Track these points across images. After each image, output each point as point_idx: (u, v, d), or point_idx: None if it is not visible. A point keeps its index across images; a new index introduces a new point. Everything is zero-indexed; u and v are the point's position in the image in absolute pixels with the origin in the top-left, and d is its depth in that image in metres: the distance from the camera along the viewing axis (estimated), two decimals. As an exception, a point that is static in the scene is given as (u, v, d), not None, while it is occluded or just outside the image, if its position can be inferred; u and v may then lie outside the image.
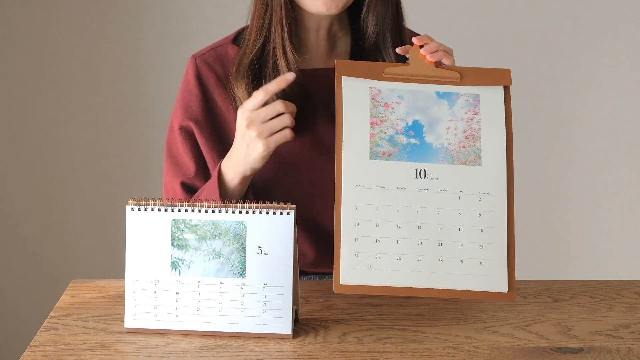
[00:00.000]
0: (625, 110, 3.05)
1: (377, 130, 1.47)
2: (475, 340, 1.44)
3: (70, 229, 3.05)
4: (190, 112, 1.70)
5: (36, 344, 1.42)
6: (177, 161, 1.72)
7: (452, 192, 1.44)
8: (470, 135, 1.48)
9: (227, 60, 1.71)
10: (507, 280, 1.43)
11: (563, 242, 3.12)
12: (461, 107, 1.50)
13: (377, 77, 1.51)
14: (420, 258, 1.42)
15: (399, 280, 1.42)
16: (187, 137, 1.71)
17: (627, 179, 3.09)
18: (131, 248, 1.45)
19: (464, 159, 1.47)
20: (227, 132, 1.70)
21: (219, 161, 1.67)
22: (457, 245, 1.43)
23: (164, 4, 2.94)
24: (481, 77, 1.52)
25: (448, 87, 1.51)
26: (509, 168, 1.46)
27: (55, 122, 2.99)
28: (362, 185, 1.44)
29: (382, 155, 1.46)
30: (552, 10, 2.99)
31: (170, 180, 1.74)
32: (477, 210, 1.44)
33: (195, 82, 1.71)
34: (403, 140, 1.47)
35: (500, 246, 1.43)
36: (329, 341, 1.44)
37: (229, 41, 1.73)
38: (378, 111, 1.49)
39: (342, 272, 1.42)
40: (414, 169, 1.45)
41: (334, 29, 1.72)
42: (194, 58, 1.73)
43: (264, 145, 1.54)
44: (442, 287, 1.43)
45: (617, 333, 1.45)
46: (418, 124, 1.48)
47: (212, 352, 1.39)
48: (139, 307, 1.45)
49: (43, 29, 2.93)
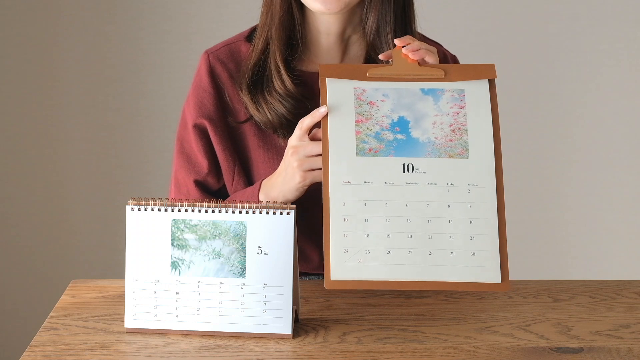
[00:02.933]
0: (625, 110, 3.05)
1: (362, 128, 1.47)
2: (475, 340, 1.44)
3: (70, 229, 3.05)
4: (204, 109, 1.70)
5: (36, 344, 1.42)
6: (190, 158, 1.72)
7: (440, 185, 1.44)
8: (457, 129, 1.48)
9: (240, 58, 1.71)
10: (500, 270, 1.43)
11: (563, 242, 3.12)
12: (446, 102, 1.50)
13: (361, 78, 1.52)
14: (411, 251, 1.42)
15: (390, 274, 1.42)
16: (201, 136, 1.71)
17: (627, 179, 3.09)
18: (131, 248, 1.45)
19: (451, 152, 1.47)
20: (238, 132, 1.70)
21: (231, 159, 1.67)
22: (448, 237, 1.43)
23: (164, 4, 2.94)
24: (465, 73, 1.53)
25: (433, 83, 1.51)
26: (497, 159, 1.47)
27: (55, 122, 2.99)
28: (349, 182, 1.44)
29: (369, 152, 1.46)
30: (552, 10, 2.99)
31: (183, 177, 1.73)
32: (467, 202, 1.44)
33: (208, 79, 1.71)
34: (389, 136, 1.47)
35: (491, 237, 1.43)
36: (329, 341, 1.44)
37: (243, 38, 1.73)
38: (363, 109, 1.49)
39: (332, 268, 1.42)
40: (401, 164, 1.45)
41: (347, 32, 1.70)
42: (207, 54, 1.72)
43: (301, 177, 1.54)
44: (433, 280, 1.42)
45: (617, 333, 1.45)
46: (404, 120, 1.48)
47: (212, 352, 1.39)
48: (139, 307, 1.45)
49: (43, 29, 2.93)
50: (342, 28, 1.69)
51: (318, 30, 1.69)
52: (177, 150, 1.74)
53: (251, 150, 1.70)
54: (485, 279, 1.43)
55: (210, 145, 1.71)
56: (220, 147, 1.70)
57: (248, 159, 1.70)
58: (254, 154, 1.69)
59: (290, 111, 1.65)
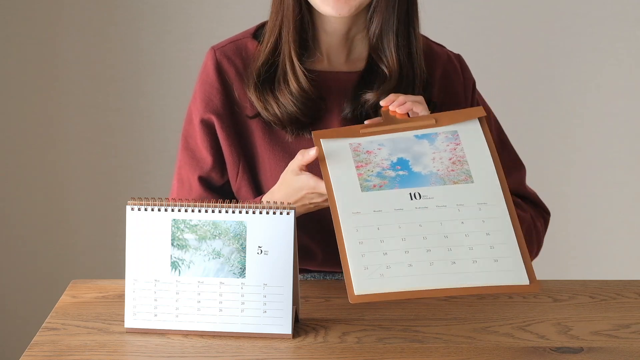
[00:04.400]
0: (625, 110, 3.05)
1: (363, 171, 1.48)
2: (475, 340, 1.44)
3: (70, 229, 3.05)
4: (212, 105, 1.70)
5: (36, 344, 1.42)
6: (194, 154, 1.72)
7: (450, 207, 1.43)
8: (457, 161, 1.49)
9: (247, 54, 1.71)
10: (526, 273, 1.41)
11: (563, 242, 3.11)
12: (442, 142, 1.51)
13: (355, 136, 1.53)
14: (432, 263, 1.40)
15: (414, 283, 1.38)
16: (208, 131, 1.71)
17: (627, 179, 3.08)
18: (131, 248, 1.45)
19: (455, 179, 1.46)
20: (245, 128, 1.70)
21: (237, 155, 1.68)
22: (467, 248, 1.41)
23: (164, 4, 2.94)
24: (455, 117, 1.55)
25: (425, 130, 1.53)
26: (501, 182, 1.46)
27: (56, 122, 2.99)
28: (359, 212, 1.43)
29: (374, 187, 1.46)
30: (552, 10, 2.99)
31: (186, 173, 1.73)
32: (480, 218, 1.43)
33: (216, 75, 1.70)
34: (391, 173, 1.48)
35: (510, 245, 1.41)
36: (329, 341, 1.43)
37: (249, 35, 1.73)
38: (361, 157, 1.50)
39: (354, 283, 1.38)
40: (408, 193, 1.45)
41: (352, 32, 1.71)
42: (214, 50, 1.72)
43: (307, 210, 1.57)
44: (461, 286, 1.39)
45: (617, 333, 1.45)
46: (403, 160, 1.49)
47: (212, 352, 1.39)
48: (139, 307, 1.45)
49: (43, 29, 2.93)
50: (348, 28, 1.69)
51: (324, 30, 1.69)
52: (181, 146, 1.74)
53: (257, 146, 1.70)
54: (513, 282, 1.40)
55: (216, 140, 1.71)
56: (226, 143, 1.70)
57: (254, 155, 1.71)
58: (260, 150, 1.70)
59: (303, 111, 1.66)
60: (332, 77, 1.70)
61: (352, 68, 1.71)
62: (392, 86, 1.66)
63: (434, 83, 1.73)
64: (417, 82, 1.68)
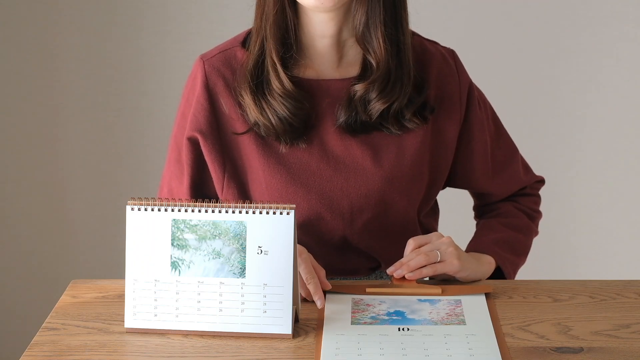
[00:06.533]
0: (625, 110, 3.05)
1: (358, 315, 1.49)
2: (475, 340, 1.43)
3: (70, 229, 3.05)
4: (197, 123, 1.69)
5: (36, 344, 1.42)
6: (181, 165, 1.73)
7: (437, 336, 1.42)
8: (454, 314, 1.49)
9: (236, 64, 1.68)
10: None
11: (563, 242, 3.11)
12: (443, 305, 1.52)
13: (360, 293, 1.56)
14: None
15: None
16: (193, 149, 1.71)
17: (628, 179, 3.08)
18: (131, 248, 1.45)
19: (448, 323, 1.46)
20: (231, 144, 1.69)
21: (220, 170, 1.68)
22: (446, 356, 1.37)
23: (164, 4, 2.94)
24: (462, 289, 1.57)
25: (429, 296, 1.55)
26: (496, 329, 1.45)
27: (55, 122, 2.99)
28: (342, 334, 1.43)
29: (364, 324, 1.46)
30: (552, 10, 2.99)
31: (169, 179, 1.75)
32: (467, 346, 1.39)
33: (203, 91, 1.68)
34: (385, 317, 1.49)
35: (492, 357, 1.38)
36: (329, 341, 1.43)
37: (238, 44, 1.70)
38: (359, 307, 1.51)
39: None
40: (397, 327, 1.45)
41: (343, 36, 1.67)
42: (202, 61, 1.69)
43: None
44: None
45: (617, 333, 1.45)
46: (400, 311, 1.50)
47: (212, 352, 1.39)
48: (139, 307, 1.45)
49: (43, 29, 2.93)
50: (337, 30, 1.65)
51: (313, 34, 1.66)
52: (170, 151, 1.76)
53: (250, 159, 1.68)
54: None
55: (201, 158, 1.71)
56: (210, 159, 1.69)
57: (243, 167, 1.69)
58: (254, 163, 1.68)
59: (292, 112, 1.63)
60: (323, 86, 1.67)
61: (345, 75, 1.68)
62: (379, 78, 1.63)
63: (430, 85, 1.70)
64: (404, 77, 1.65)
